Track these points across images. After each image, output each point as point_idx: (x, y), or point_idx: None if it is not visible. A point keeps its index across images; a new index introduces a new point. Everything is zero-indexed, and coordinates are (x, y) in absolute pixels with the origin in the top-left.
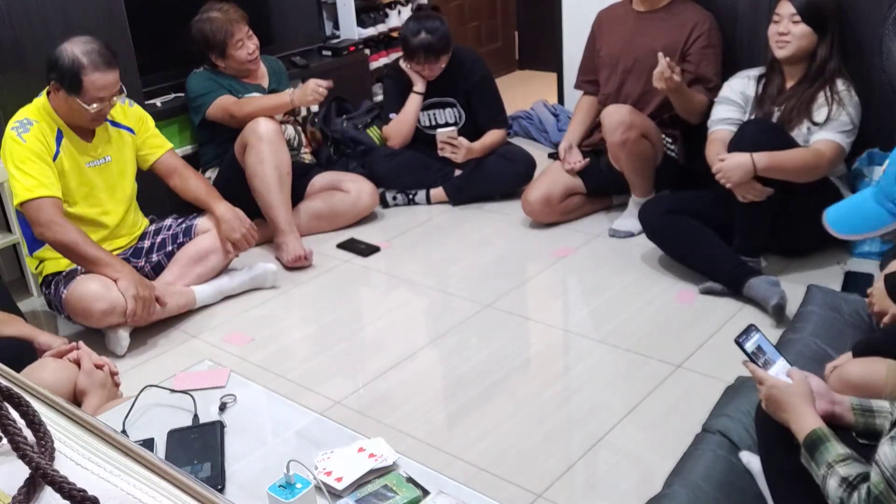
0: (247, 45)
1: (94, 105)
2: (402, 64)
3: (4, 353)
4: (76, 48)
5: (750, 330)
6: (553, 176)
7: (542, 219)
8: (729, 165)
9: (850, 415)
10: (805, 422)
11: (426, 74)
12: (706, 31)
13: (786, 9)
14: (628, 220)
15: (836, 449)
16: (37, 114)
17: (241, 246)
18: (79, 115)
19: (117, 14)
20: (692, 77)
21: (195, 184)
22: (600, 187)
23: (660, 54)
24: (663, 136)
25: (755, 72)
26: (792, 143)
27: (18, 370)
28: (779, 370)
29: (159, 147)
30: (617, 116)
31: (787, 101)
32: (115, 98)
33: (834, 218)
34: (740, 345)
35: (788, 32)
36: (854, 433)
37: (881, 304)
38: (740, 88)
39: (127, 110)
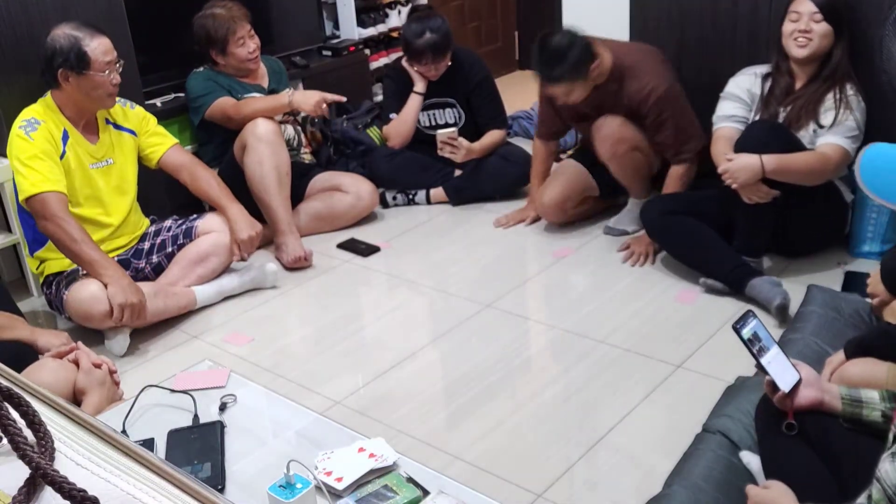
0: (248, 44)
1: (106, 72)
2: (405, 64)
3: (5, 357)
4: (65, 29)
5: (747, 316)
6: (570, 178)
7: (554, 220)
8: (737, 166)
9: (839, 403)
10: None
11: (431, 74)
12: (653, 103)
13: (806, 6)
14: (625, 218)
15: None
16: (43, 113)
17: (245, 249)
18: (95, 95)
19: (117, 14)
20: (659, 145)
21: (207, 182)
22: (614, 190)
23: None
24: None
25: (762, 69)
26: (799, 146)
27: (20, 372)
28: (772, 358)
29: (161, 144)
30: (606, 130)
31: (794, 101)
32: (118, 66)
33: (869, 169)
34: (737, 331)
35: (810, 31)
36: (841, 419)
37: (874, 286)
38: (747, 86)
39: (128, 112)
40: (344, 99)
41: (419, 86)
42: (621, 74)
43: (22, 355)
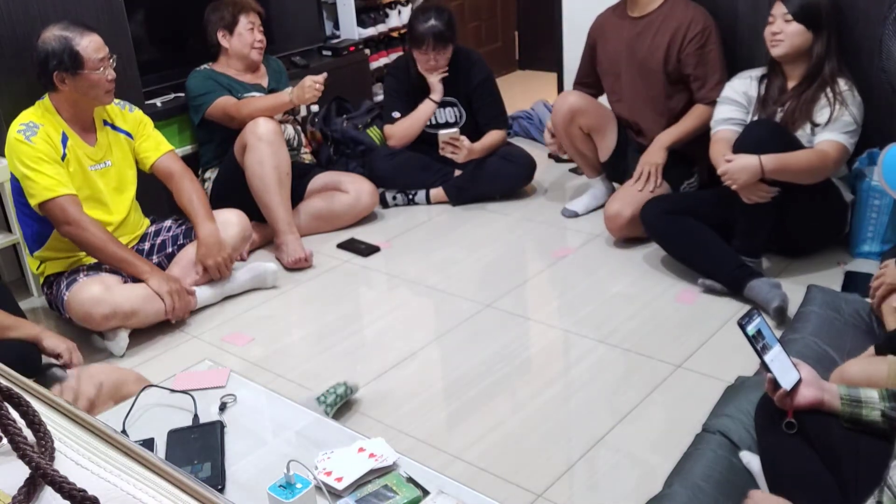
0: (255, 32)
1: (101, 69)
2: (423, 71)
3: (9, 356)
4: (54, 31)
5: (752, 314)
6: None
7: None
8: (736, 167)
9: (838, 402)
10: None
11: (432, 65)
12: (699, 31)
13: (779, 9)
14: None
15: None
16: (41, 117)
17: (213, 274)
18: (92, 93)
19: (117, 13)
20: (691, 77)
21: (187, 196)
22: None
23: None
24: (685, 183)
25: (757, 72)
26: (797, 145)
27: (23, 373)
28: (774, 356)
29: (155, 150)
30: (614, 208)
31: (788, 101)
32: (112, 61)
33: (891, 167)
34: (742, 327)
35: (781, 31)
36: (841, 419)
37: (894, 278)
38: (743, 89)
39: (126, 115)
40: (325, 75)
41: (436, 94)
42: (670, 7)
43: (26, 355)
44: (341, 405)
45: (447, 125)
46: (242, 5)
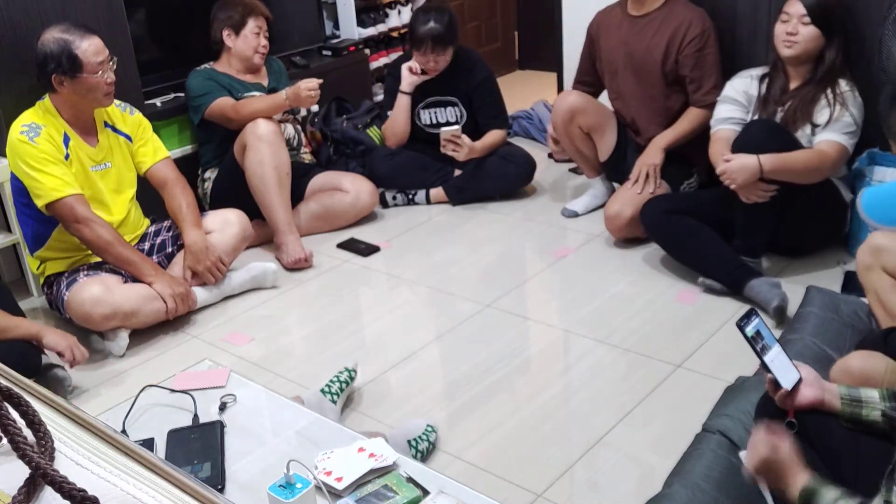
0: (260, 37)
1: (99, 73)
2: (411, 63)
3: (9, 357)
4: (54, 33)
5: (751, 314)
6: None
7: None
8: (735, 167)
9: (838, 402)
10: (795, 482)
11: (430, 67)
12: (699, 33)
13: (796, 8)
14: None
15: (828, 495)
16: (42, 118)
17: (206, 279)
18: (91, 96)
19: (117, 14)
20: (688, 79)
21: (177, 203)
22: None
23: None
24: (684, 183)
25: (757, 71)
26: (797, 145)
27: (23, 373)
28: (774, 356)
29: (151, 156)
30: (615, 208)
31: (789, 101)
32: (112, 63)
33: (870, 203)
34: (741, 328)
35: (797, 33)
36: (841, 419)
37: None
38: (743, 88)
39: (127, 118)
40: (319, 81)
41: (404, 84)
42: (670, 7)
43: (26, 355)
44: (348, 393)
45: (448, 125)
46: (252, 7)
